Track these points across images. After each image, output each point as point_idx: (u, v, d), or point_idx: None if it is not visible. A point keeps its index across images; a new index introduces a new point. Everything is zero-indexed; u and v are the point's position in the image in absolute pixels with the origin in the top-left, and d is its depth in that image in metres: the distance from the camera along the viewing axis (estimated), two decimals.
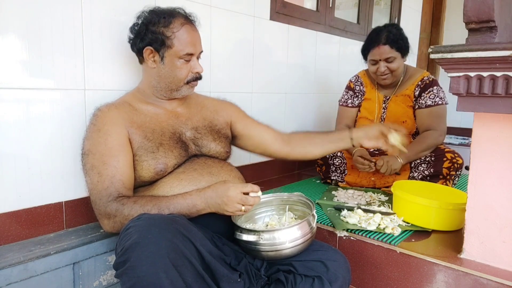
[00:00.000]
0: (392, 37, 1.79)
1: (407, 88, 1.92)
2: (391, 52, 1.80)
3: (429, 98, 1.85)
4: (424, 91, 1.86)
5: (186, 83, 1.24)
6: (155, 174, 1.15)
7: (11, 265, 1.04)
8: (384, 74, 1.85)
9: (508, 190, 1.09)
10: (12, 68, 1.14)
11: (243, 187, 1.05)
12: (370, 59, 1.88)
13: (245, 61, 1.95)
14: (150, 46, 1.19)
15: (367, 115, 2.02)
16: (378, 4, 3.14)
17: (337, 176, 1.97)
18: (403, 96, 1.93)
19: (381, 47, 1.80)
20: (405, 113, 1.92)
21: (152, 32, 1.18)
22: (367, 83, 2.04)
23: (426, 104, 1.85)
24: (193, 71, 1.24)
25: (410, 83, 1.92)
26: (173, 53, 1.19)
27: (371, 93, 2.01)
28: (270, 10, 2.05)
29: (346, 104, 2.06)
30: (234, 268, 1.05)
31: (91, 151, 1.13)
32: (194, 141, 1.27)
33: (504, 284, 1.05)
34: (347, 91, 2.08)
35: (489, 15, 0.98)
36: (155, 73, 1.22)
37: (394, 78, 1.89)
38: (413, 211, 1.40)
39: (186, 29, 1.20)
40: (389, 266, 1.26)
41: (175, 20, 1.19)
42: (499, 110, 1.03)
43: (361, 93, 2.03)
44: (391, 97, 1.95)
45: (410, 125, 1.91)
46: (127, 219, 1.02)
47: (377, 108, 1.97)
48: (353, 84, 2.07)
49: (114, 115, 1.16)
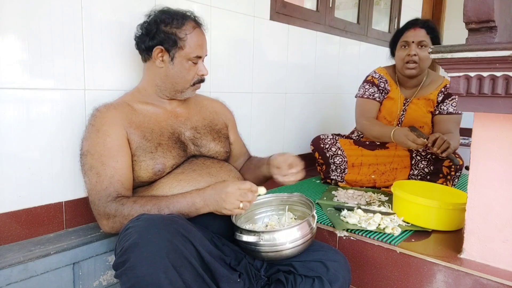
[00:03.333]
0: (430, 24, 1.80)
1: (431, 93, 1.89)
2: (426, 37, 1.77)
3: (452, 106, 1.84)
4: (447, 98, 1.85)
5: (191, 85, 1.26)
6: (153, 174, 1.15)
7: (11, 265, 1.04)
8: (413, 60, 1.78)
9: (508, 190, 1.09)
10: (12, 68, 1.14)
11: (241, 184, 1.06)
12: (402, 41, 1.83)
13: (245, 61, 1.95)
14: (161, 45, 1.20)
15: (386, 116, 1.96)
16: (378, 4, 3.14)
17: (337, 176, 1.97)
18: (426, 100, 1.89)
19: (417, 29, 1.78)
20: (424, 118, 1.89)
21: (164, 32, 1.19)
22: (391, 82, 1.97)
23: (447, 111, 1.84)
24: (199, 73, 1.26)
25: (433, 88, 1.89)
26: (184, 54, 1.21)
27: (395, 93, 1.95)
28: (270, 10, 2.05)
29: (373, 97, 1.94)
30: (234, 269, 1.05)
31: (89, 151, 1.13)
32: (193, 141, 1.27)
33: (504, 284, 1.04)
34: (371, 85, 1.96)
35: (489, 15, 0.98)
36: (162, 72, 1.23)
37: (420, 71, 1.82)
38: (413, 211, 1.40)
39: (197, 33, 1.23)
40: (389, 266, 1.26)
41: (187, 22, 1.21)
42: (499, 110, 1.02)
43: (385, 91, 1.95)
44: (412, 99, 1.90)
45: (427, 131, 1.89)
46: (126, 219, 1.03)
47: (399, 110, 1.92)
48: (377, 81, 1.97)
49: (112, 116, 1.16)
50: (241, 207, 1.05)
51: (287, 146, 2.32)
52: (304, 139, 2.42)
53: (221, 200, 1.04)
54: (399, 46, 1.86)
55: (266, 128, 2.14)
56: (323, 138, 2.00)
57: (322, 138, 2.00)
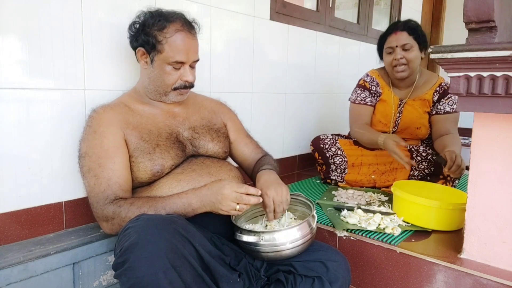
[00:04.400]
0: (410, 25, 1.78)
1: (426, 93, 1.88)
2: (409, 39, 1.76)
3: (448, 105, 1.83)
4: (443, 97, 1.85)
5: (173, 90, 1.22)
6: (152, 175, 1.15)
7: (11, 265, 1.04)
8: (400, 63, 1.79)
9: (508, 190, 1.09)
10: (12, 68, 1.14)
11: (238, 187, 1.04)
12: (387, 47, 1.84)
13: (245, 61, 1.95)
14: (142, 47, 1.19)
15: (381, 119, 1.95)
16: (378, 4, 3.14)
17: (337, 176, 1.97)
18: (421, 101, 1.89)
19: (398, 33, 1.78)
20: (421, 119, 1.88)
21: (145, 34, 1.17)
22: (383, 84, 1.96)
23: (444, 111, 1.83)
24: (183, 79, 1.21)
25: (428, 88, 1.88)
26: (163, 58, 1.17)
27: (387, 95, 1.94)
28: (270, 10, 2.05)
29: (365, 102, 1.94)
30: (233, 268, 1.05)
31: (87, 153, 1.12)
32: (192, 141, 1.27)
33: (504, 284, 1.04)
34: (363, 90, 1.97)
35: (489, 15, 0.98)
36: (146, 74, 1.23)
37: (410, 72, 1.82)
38: (413, 211, 1.40)
39: (180, 36, 1.17)
40: (389, 266, 1.26)
41: (170, 25, 1.17)
42: (499, 110, 1.02)
43: (377, 94, 1.95)
44: (407, 101, 1.90)
45: (424, 132, 1.88)
46: (124, 221, 1.02)
47: (394, 113, 1.89)
48: (368, 84, 1.97)
49: (109, 117, 1.16)
50: (237, 209, 1.04)
51: (287, 146, 2.32)
52: (303, 139, 2.42)
53: (217, 202, 1.03)
54: (385, 52, 1.88)
55: (266, 128, 2.14)
56: (323, 138, 2.00)
57: (322, 138, 2.00)
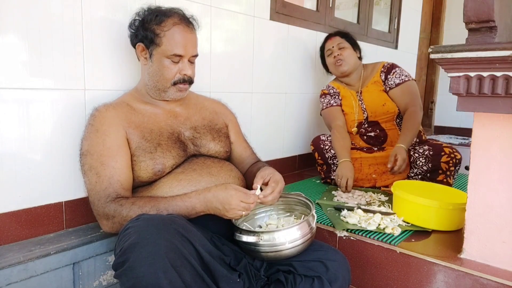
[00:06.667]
0: (341, 31, 2.13)
1: (374, 76, 2.06)
2: (341, 40, 2.06)
3: (395, 78, 1.98)
4: (388, 74, 2.01)
5: (173, 84, 1.22)
6: (153, 174, 1.15)
7: (11, 265, 1.04)
8: (339, 58, 2.03)
9: (508, 190, 1.09)
10: (12, 68, 1.14)
11: (245, 197, 1.05)
12: (326, 51, 2.10)
13: (245, 61, 1.95)
14: (141, 42, 1.21)
15: (349, 112, 2.08)
16: (378, 4, 3.14)
17: None
18: (373, 84, 2.04)
19: (332, 38, 2.09)
20: (381, 97, 2.00)
21: (144, 29, 1.19)
22: (339, 87, 2.14)
23: (396, 83, 1.97)
24: (181, 72, 1.22)
25: (375, 72, 2.07)
26: (161, 51, 1.19)
27: (345, 92, 2.11)
28: (270, 10, 2.05)
29: (331, 104, 2.10)
30: (233, 268, 1.05)
31: (89, 151, 1.13)
32: (193, 141, 1.27)
33: (504, 284, 1.04)
34: (325, 96, 2.14)
35: (489, 15, 0.98)
36: (146, 70, 1.24)
37: (350, 67, 2.03)
38: (413, 211, 1.40)
39: (178, 30, 1.19)
40: (389, 266, 1.26)
41: (168, 19, 1.19)
42: (499, 110, 1.03)
43: (336, 94, 2.13)
44: (362, 90, 2.07)
45: (391, 107, 1.97)
46: (125, 220, 1.02)
47: (354, 102, 2.06)
48: (326, 91, 2.15)
49: (112, 115, 1.16)
50: (244, 215, 1.08)
51: (287, 146, 2.32)
52: (303, 139, 2.42)
53: (224, 210, 1.05)
54: (326, 56, 2.12)
55: (266, 128, 2.14)
56: (323, 139, 2.04)
57: (322, 139, 2.03)
